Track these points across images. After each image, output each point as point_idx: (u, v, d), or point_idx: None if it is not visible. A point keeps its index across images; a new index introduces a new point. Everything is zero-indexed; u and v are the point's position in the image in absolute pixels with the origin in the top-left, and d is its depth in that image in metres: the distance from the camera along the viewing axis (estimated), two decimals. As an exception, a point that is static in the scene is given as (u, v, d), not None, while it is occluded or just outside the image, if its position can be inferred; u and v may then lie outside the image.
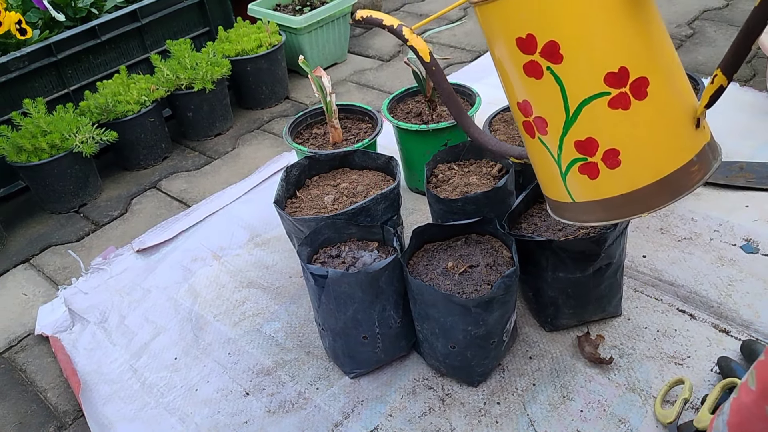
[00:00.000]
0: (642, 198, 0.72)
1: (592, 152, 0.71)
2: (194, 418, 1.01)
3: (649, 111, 0.69)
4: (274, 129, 1.80)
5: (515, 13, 0.69)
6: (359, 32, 2.29)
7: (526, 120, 0.75)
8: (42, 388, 1.14)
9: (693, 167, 0.72)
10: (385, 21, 0.84)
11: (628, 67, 0.68)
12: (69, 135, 1.50)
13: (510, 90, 0.76)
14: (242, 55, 1.79)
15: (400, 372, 1.03)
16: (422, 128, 1.27)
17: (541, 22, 0.68)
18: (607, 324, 1.05)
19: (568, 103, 0.70)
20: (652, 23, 0.70)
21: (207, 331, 1.17)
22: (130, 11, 1.72)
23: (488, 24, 0.73)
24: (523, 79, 0.72)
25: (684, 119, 0.71)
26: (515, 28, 0.70)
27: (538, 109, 0.73)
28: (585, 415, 0.92)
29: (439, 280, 0.94)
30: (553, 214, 0.82)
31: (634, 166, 0.71)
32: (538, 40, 0.68)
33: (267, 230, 1.39)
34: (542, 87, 0.71)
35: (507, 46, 0.72)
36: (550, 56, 0.69)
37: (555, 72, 0.69)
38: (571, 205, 0.77)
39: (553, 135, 0.73)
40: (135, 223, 1.51)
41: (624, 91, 0.68)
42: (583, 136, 0.71)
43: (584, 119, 0.70)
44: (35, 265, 1.43)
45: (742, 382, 0.64)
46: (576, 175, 0.74)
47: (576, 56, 0.68)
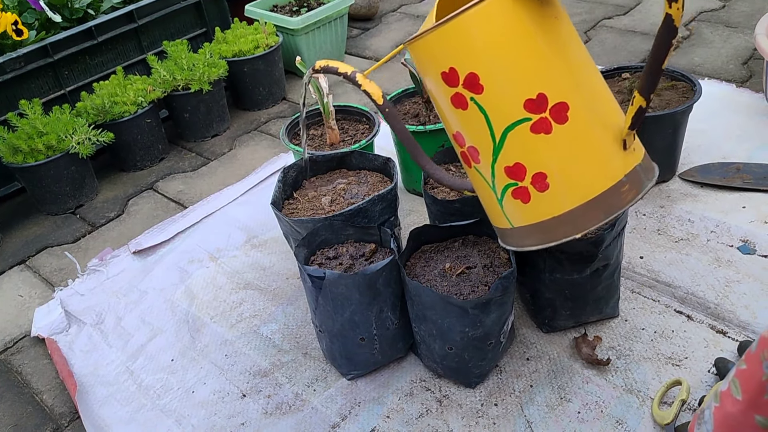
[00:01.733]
0: (573, 219, 0.74)
1: (521, 177, 0.74)
2: (191, 420, 1.01)
3: (571, 134, 0.72)
4: (271, 130, 1.80)
5: (437, 49, 0.73)
6: (356, 33, 2.29)
7: (462, 151, 0.79)
8: (38, 390, 1.13)
9: (623, 187, 0.74)
10: (340, 69, 0.89)
11: (546, 93, 0.70)
12: (65, 136, 1.50)
13: (447, 124, 0.80)
14: (239, 56, 1.79)
15: (397, 374, 1.03)
16: (419, 129, 1.27)
17: (459, 55, 0.72)
18: (605, 325, 1.05)
19: (494, 131, 0.73)
20: (568, 48, 0.72)
21: (204, 333, 1.16)
22: (126, 12, 1.72)
23: (419, 62, 0.78)
24: (452, 111, 0.76)
25: (609, 141, 0.73)
26: (439, 62, 0.74)
27: (469, 138, 0.76)
28: (582, 417, 0.92)
29: (437, 282, 0.94)
30: (501, 241, 0.85)
31: (562, 188, 0.73)
32: (459, 73, 0.72)
33: (264, 232, 1.38)
34: (469, 117, 0.74)
35: (435, 80, 0.75)
36: (472, 87, 0.72)
37: (478, 102, 0.72)
38: (511, 230, 0.80)
39: (485, 162, 0.76)
40: (131, 224, 1.51)
41: (544, 116, 0.71)
42: (511, 162, 0.74)
43: (510, 145, 0.73)
44: (31, 266, 1.43)
45: (723, 390, 0.63)
46: (510, 200, 0.77)
47: (495, 85, 0.71)
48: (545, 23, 0.71)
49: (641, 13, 2.09)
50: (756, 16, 1.60)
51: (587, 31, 2.02)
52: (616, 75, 1.33)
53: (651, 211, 1.25)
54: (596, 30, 2.02)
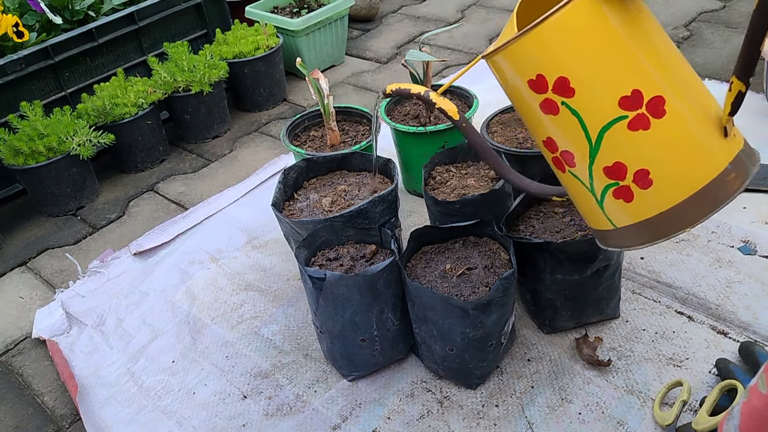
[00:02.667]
0: (681, 213, 0.72)
1: (622, 176, 0.72)
2: (192, 422, 1.01)
3: (671, 127, 0.70)
4: (271, 131, 1.80)
5: (521, 58, 0.72)
6: (357, 34, 2.29)
7: (555, 156, 0.77)
8: (39, 391, 1.13)
9: (729, 176, 0.72)
10: (413, 90, 0.89)
11: (640, 88, 0.69)
12: (66, 138, 1.50)
13: (534, 131, 0.78)
14: (240, 57, 1.79)
15: (398, 375, 1.03)
16: (420, 130, 1.27)
17: (546, 61, 0.70)
18: (606, 326, 1.05)
19: (589, 133, 0.71)
20: (655, 42, 0.71)
21: (204, 334, 1.16)
22: (127, 14, 1.72)
23: (500, 73, 0.76)
24: (542, 117, 0.74)
25: (709, 130, 0.72)
26: (525, 71, 0.72)
27: (562, 143, 0.75)
28: (583, 418, 0.92)
29: (437, 283, 0.94)
30: (602, 244, 0.82)
31: (666, 183, 0.72)
32: (548, 79, 0.71)
33: (265, 233, 1.38)
34: (561, 122, 0.73)
35: (521, 89, 0.74)
36: (562, 92, 0.71)
37: (570, 105, 0.71)
38: (615, 231, 0.78)
39: (581, 166, 0.75)
40: (132, 225, 1.51)
41: (641, 112, 0.69)
42: (610, 162, 0.72)
43: (608, 145, 0.71)
44: (32, 268, 1.43)
45: (752, 386, 0.63)
46: (612, 201, 0.75)
47: (586, 87, 0.70)
48: (630, 18, 0.69)
49: (642, 13, 2.08)
50: (756, 17, 1.60)
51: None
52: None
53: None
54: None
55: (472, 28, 2.18)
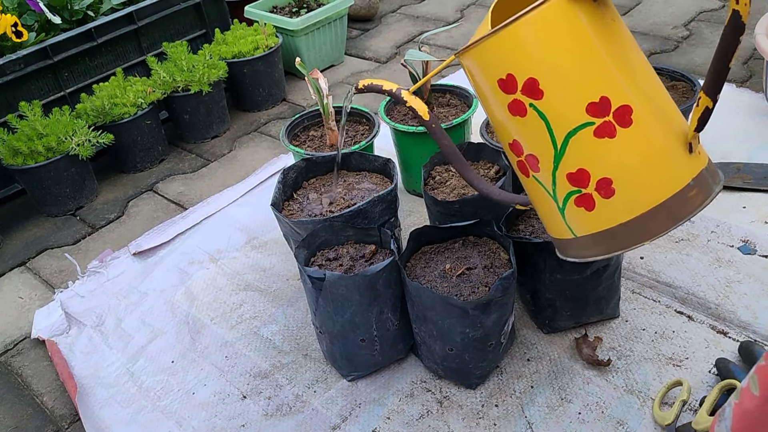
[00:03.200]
0: (641, 226, 0.72)
1: (585, 183, 0.72)
2: (191, 422, 1.01)
3: (636, 138, 0.70)
4: (271, 131, 1.80)
5: (493, 56, 0.71)
6: (356, 34, 2.29)
7: (519, 159, 0.77)
8: (38, 392, 1.13)
9: (690, 192, 0.72)
10: (385, 86, 0.89)
11: (608, 96, 0.69)
12: (65, 138, 1.50)
13: (501, 133, 0.78)
14: (239, 57, 1.79)
15: (397, 375, 1.03)
16: (419, 130, 1.27)
17: (517, 61, 0.70)
18: (605, 326, 1.05)
19: (555, 137, 0.71)
20: (628, 52, 0.71)
21: (204, 335, 1.16)
22: (126, 14, 1.72)
23: (471, 71, 0.76)
24: (509, 118, 0.74)
25: (674, 144, 0.72)
26: (495, 70, 0.72)
27: (527, 146, 0.75)
28: (583, 418, 0.92)
29: (437, 283, 0.94)
30: (559, 254, 0.82)
31: (628, 193, 0.71)
32: (518, 79, 0.70)
33: (264, 233, 1.38)
34: (528, 124, 0.72)
35: (491, 88, 0.74)
36: (531, 93, 0.70)
37: (537, 108, 0.71)
38: (574, 241, 0.77)
39: (545, 171, 0.74)
40: (131, 225, 1.51)
41: (608, 119, 0.69)
42: (574, 168, 0.72)
43: (572, 151, 0.71)
44: (31, 268, 1.43)
45: (743, 387, 0.63)
46: (573, 209, 0.74)
47: (555, 90, 0.69)
48: (603, 26, 0.69)
49: (641, 13, 2.09)
50: (756, 16, 1.60)
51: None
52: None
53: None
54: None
55: (472, 28, 2.18)
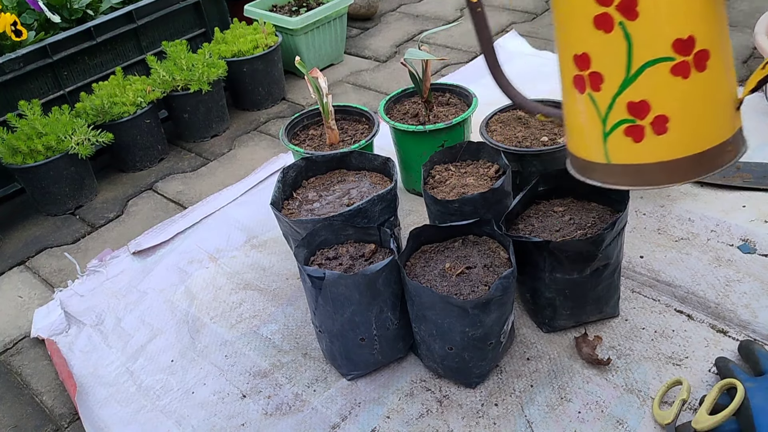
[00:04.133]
0: (677, 168, 0.73)
1: (642, 115, 0.71)
2: (191, 421, 1.01)
3: (705, 84, 0.70)
4: (270, 130, 1.80)
5: None
6: (356, 33, 2.29)
7: (579, 74, 0.75)
8: (38, 391, 1.13)
9: (728, 147, 0.73)
10: None
11: (695, 36, 0.68)
12: (65, 137, 1.49)
13: (568, 42, 0.75)
14: (238, 56, 1.79)
15: (397, 374, 1.03)
16: (419, 129, 1.27)
17: None
18: (605, 325, 1.05)
19: (632, 62, 0.70)
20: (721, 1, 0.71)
21: (203, 334, 1.16)
22: (125, 12, 1.72)
23: None
24: (590, 31, 0.72)
25: (730, 99, 0.73)
26: None
27: (597, 63, 0.73)
28: (583, 417, 0.92)
29: (437, 282, 0.94)
30: (578, 174, 0.81)
31: (679, 135, 0.71)
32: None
33: (264, 232, 1.38)
34: (609, 41, 0.70)
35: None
36: (626, 11, 0.68)
37: (626, 28, 0.69)
38: (604, 166, 0.77)
39: (606, 92, 0.73)
40: (131, 225, 1.51)
41: (687, 59, 0.69)
42: (637, 98, 0.71)
43: (643, 81, 0.70)
44: (31, 267, 1.42)
45: None
46: (619, 137, 0.74)
47: (652, 15, 0.68)
48: None
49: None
50: (755, 15, 1.59)
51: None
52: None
53: (651, 210, 1.25)
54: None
55: (471, 27, 2.17)
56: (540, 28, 2.07)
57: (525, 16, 2.18)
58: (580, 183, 0.82)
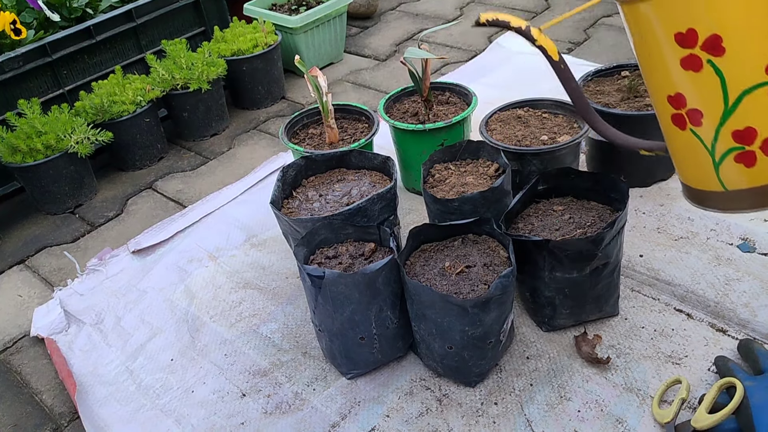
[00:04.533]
0: None
1: (750, 141, 0.71)
2: (190, 420, 1.01)
3: None
4: (270, 129, 1.80)
5: (675, 9, 0.69)
6: (355, 32, 2.28)
7: (678, 113, 0.75)
8: (37, 390, 1.13)
9: None
10: (513, 23, 0.87)
11: None
12: (64, 135, 1.49)
13: (660, 84, 0.76)
14: (238, 55, 1.79)
15: (397, 373, 1.03)
16: (419, 128, 1.27)
17: (703, 16, 0.68)
18: (605, 324, 1.05)
19: (728, 94, 0.70)
20: None
21: (203, 333, 1.16)
22: (125, 11, 1.72)
23: (639, 20, 0.73)
24: (678, 72, 0.72)
25: None
26: (674, 23, 0.70)
27: (693, 101, 0.73)
28: (582, 416, 0.92)
29: (436, 281, 0.94)
30: (696, 204, 0.82)
31: None
32: (700, 34, 0.68)
33: (263, 231, 1.38)
34: (700, 80, 0.71)
35: (664, 41, 0.72)
36: (712, 49, 0.68)
37: (716, 64, 0.69)
38: (721, 194, 0.77)
39: (708, 126, 0.73)
40: (131, 223, 1.51)
41: None
42: (741, 126, 0.71)
43: (744, 109, 0.70)
44: (30, 266, 1.42)
45: None
46: (730, 165, 0.74)
47: (739, 48, 0.68)
48: None
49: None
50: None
51: (586, 29, 2.02)
52: (615, 73, 1.33)
53: (651, 209, 1.25)
54: (595, 28, 2.02)
55: (471, 26, 2.17)
56: (540, 27, 2.07)
57: (525, 14, 2.18)
58: (579, 182, 0.82)
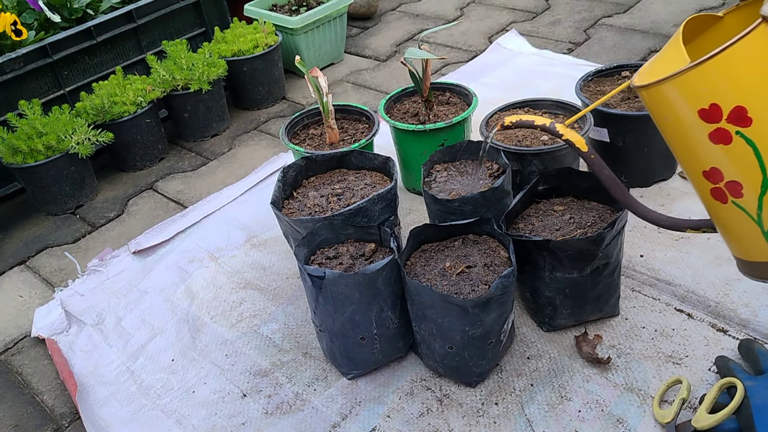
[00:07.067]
0: None
1: None
2: (191, 420, 1.01)
3: None
4: (270, 129, 1.80)
5: (695, 87, 0.68)
6: (356, 32, 2.28)
7: (716, 187, 0.74)
8: (38, 390, 1.13)
9: None
10: (537, 122, 0.90)
11: None
12: (65, 136, 1.50)
13: (692, 161, 0.75)
14: (238, 55, 1.79)
15: (397, 373, 1.03)
16: (419, 128, 1.27)
17: (724, 90, 0.67)
18: (605, 324, 1.05)
19: (764, 162, 0.69)
20: None
21: (204, 333, 1.16)
22: (125, 12, 1.72)
23: (660, 102, 0.72)
24: (709, 147, 0.71)
25: None
26: (696, 101, 0.68)
27: (730, 173, 0.72)
28: (583, 416, 0.92)
29: (437, 281, 0.94)
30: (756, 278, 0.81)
31: None
32: (723, 108, 0.67)
33: (264, 231, 1.38)
34: (733, 152, 0.70)
35: (688, 119, 0.70)
36: (738, 121, 0.68)
37: (745, 135, 0.68)
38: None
39: (750, 196, 0.72)
40: (131, 224, 1.51)
41: None
42: None
43: None
44: (31, 266, 1.42)
45: None
46: None
47: (766, 115, 0.67)
48: None
49: (641, 11, 2.08)
50: (756, 14, 1.59)
51: (587, 29, 2.02)
52: (615, 73, 1.33)
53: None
54: (596, 28, 2.02)
55: (471, 26, 2.18)
56: (540, 27, 2.07)
57: (525, 15, 2.18)
58: (579, 182, 0.82)
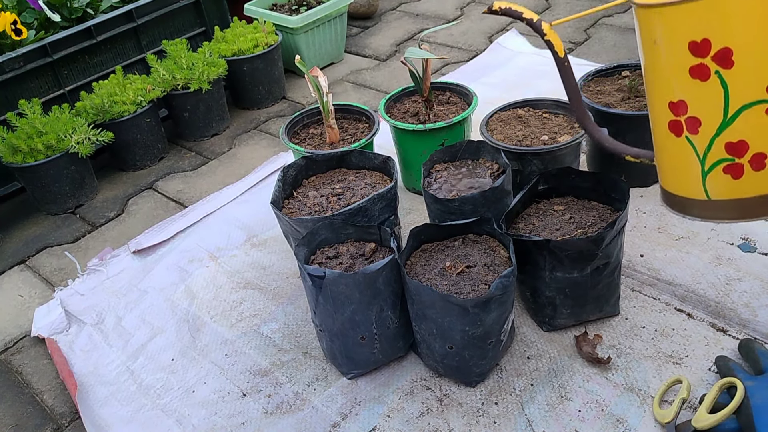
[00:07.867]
0: None
1: (740, 154, 0.74)
2: (191, 420, 1.01)
3: None
4: (270, 129, 1.80)
5: (696, 18, 0.71)
6: (356, 32, 2.28)
7: (676, 119, 0.77)
8: (38, 390, 1.13)
9: None
10: (525, 14, 0.88)
11: None
12: (65, 136, 1.49)
13: (664, 89, 0.78)
14: (239, 55, 1.79)
15: (397, 373, 1.03)
16: (419, 128, 1.27)
17: (720, 28, 0.69)
18: (605, 323, 1.05)
19: (729, 107, 0.72)
20: None
21: (204, 333, 1.16)
22: (125, 11, 1.72)
23: (657, 26, 0.75)
24: (686, 80, 0.74)
25: None
26: (691, 32, 0.71)
27: (694, 109, 0.75)
28: (583, 415, 0.92)
29: (437, 281, 0.94)
30: (674, 210, 0.84)
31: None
32: (713, 45, 0.70)
33: (264, 231, 1.38)
34: (705, 89, 0.73)
35: (677, 48, 0.73)
36: (722, 61, 0.70)
37: (722, 76, 0.71)
38: (704, 202, 0.79)
39: (704, 135, 0.75)
40: (131, 223, 1.51)
41: None
42: (735, 138, 0.74)
43: (740, 123, 0.73)
44: (31, 266, 1.42)
45: None
46: (718, 175, 0.76)
47: (747, 64, 0.70)
48: None
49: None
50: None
51: (587, 29, 2.02)
52: (616, 73, 1.33)
53: (651, 209, 1.25)
54: (596, 28, 2.02)
55: (471, 26, 2.17)
56: (540, 27, 2.07)
57: (525, 14, 2.17)
58: (579, 182, 0.82)
